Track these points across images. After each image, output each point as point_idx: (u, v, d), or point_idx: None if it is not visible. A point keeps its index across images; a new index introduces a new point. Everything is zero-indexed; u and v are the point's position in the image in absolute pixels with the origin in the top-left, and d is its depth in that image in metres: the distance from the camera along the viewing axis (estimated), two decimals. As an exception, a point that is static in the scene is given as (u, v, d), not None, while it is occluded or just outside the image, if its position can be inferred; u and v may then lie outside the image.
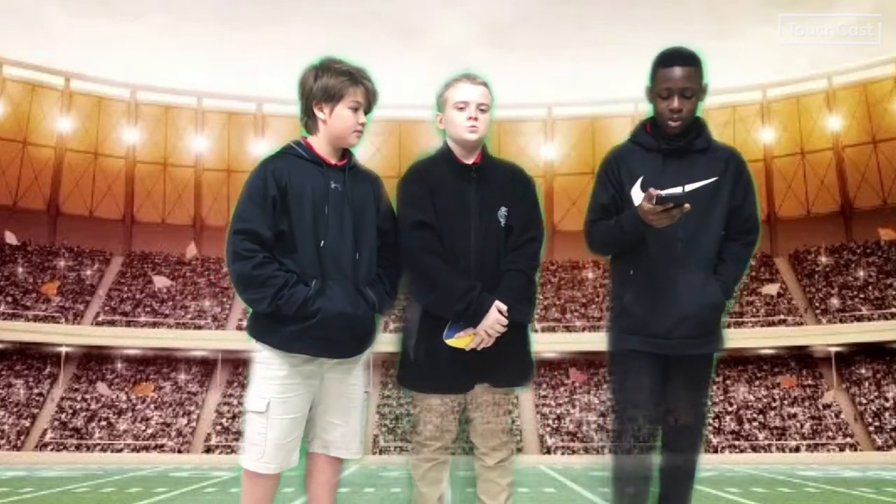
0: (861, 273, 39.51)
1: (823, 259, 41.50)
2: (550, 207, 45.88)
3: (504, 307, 2.74)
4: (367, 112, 2.79)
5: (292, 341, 2.65)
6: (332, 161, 2.78)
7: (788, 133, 45.85)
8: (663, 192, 2.70)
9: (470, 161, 2.91)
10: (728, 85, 46.46)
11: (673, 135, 2.92)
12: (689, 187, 2.78)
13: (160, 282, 40.09)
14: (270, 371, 2.68)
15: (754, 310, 38.84)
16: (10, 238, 39.77)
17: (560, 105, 46.99)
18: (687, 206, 2.70)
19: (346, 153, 2.83)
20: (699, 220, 2.87)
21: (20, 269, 39.96)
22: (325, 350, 2.68)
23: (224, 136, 47.14)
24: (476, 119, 2.84)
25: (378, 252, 2.80)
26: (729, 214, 2.95)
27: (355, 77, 2.74)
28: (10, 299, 37.86)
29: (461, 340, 2.77)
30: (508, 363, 2.86)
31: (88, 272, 41.49)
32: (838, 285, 39.33)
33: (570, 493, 10.95)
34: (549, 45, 55.80)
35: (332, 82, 2.71)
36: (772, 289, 38.75)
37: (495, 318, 2.73)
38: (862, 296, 38.18)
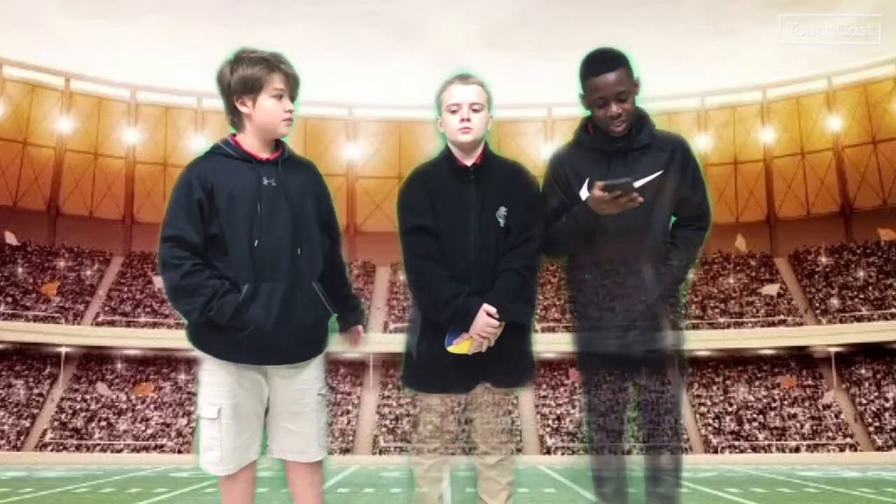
0: (861, 273, 39.51)
1: (823, 259, 41.50)
2: (550, 207, 45.85)
3: (493, 309, 2.72)
4: (292, 98, 2.65)
5: (229, 351, 2.55)
6: (264, 156, 2.65)
7: (788, 133, 45.84)
8: (612, 181, 2.73)
9: (470, 162, 2.88)
10: (728, 85, 46.53)
11: (617, 136, 2.89)
12: (636, 184, 2.80)
13: (160, 282, 40.07)
14: (217, 378, 2.59)
15: (754, 310, 38.83)
16: (10, 238, 39.75)
17: (560, 105, 46.94)
18: (636, 194, 2.72)
19: (279, 145, 2.70)
20: (647, 215, 2.88)
21: (20, 270, 39.96)
22: (265, 358, 2.57)
23: (224, 137, 47.11)
24: (468, 120, 2.82)
25: (321, 247, 2.69)
26: (679, 204, 2.97)
27: (272, 63, 2.60)
28: (10, 299, 37.86)
29: (461, 346, 2.77)
30: (509, 363, 2.84)
31: (88, 272, 41.49)
32: (838, 285, 39.33)
33: (570, 493, 10.92)
34: (549, 45, 55.79)
35: (248, 73, 2.59)
36: (772, 289, 38.74)
37: (485, 321, 2.72)
38: (862, 296, 38.18)
